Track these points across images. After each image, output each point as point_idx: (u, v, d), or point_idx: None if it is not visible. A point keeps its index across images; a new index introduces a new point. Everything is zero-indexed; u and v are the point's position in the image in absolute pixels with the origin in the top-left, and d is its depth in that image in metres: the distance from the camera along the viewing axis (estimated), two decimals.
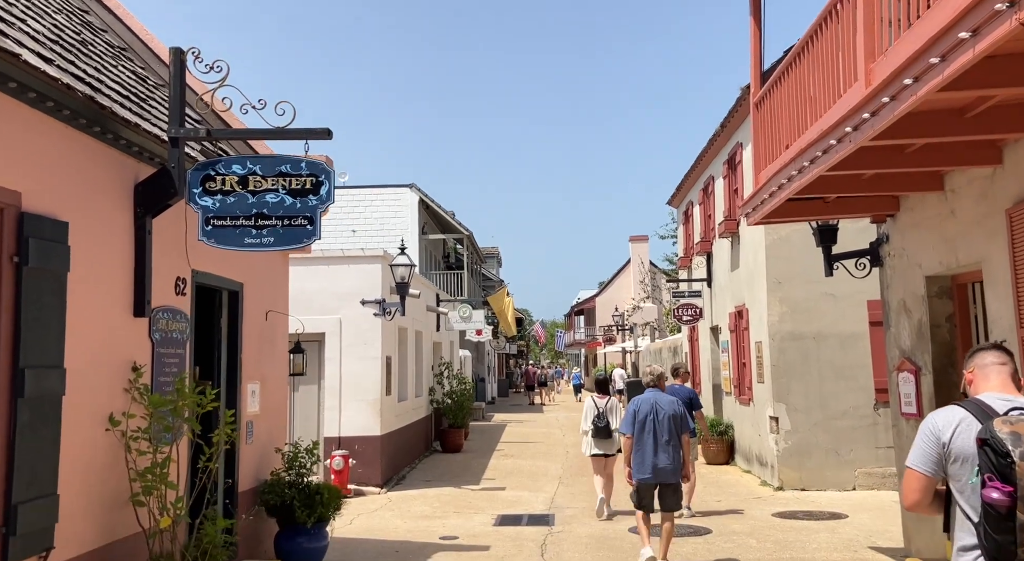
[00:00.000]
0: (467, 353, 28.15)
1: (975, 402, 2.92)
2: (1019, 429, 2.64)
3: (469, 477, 13.64)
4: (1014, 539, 2.61)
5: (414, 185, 27.70)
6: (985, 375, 3.02)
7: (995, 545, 2.66)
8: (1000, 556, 2.66)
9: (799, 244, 11.92)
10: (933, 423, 2.95)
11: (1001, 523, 2.63)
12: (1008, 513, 2.61)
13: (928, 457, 2.93)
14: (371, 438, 12.24)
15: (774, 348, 11.88)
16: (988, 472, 2.66)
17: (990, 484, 2.65)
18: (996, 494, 2.62)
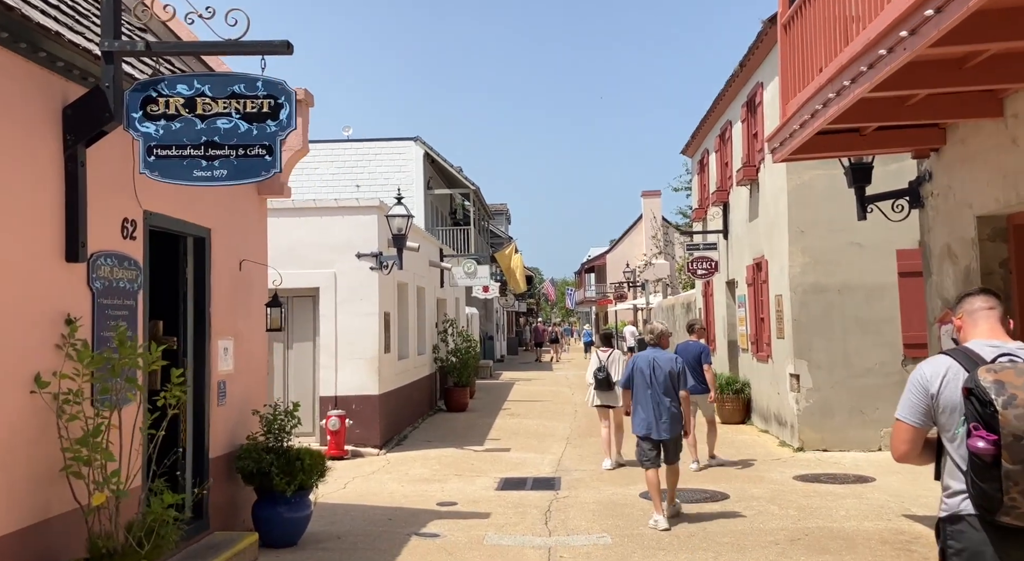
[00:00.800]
0: (474, 311, 27.55)
1: (963, 350, 2.91)
2: (1003, 377, 2.63)
3: (473, 438, 13.08)
4: (999, 486, 2.61)
5: (419, 138, 26.83)
6: (974, 321, 3.01)
7: (981, 492, 2.69)
8: (986, 503, 2.69)
9: (823, 191, 11.11)
10: (921, 374, 2.95)
11: (986, 471, 2.64)
12: (993, 461, 2.61)
13: (916, 408, 2.93)
14: (369, 398, 11.65)
15: (795, 302, 11.14)
16: (974, 421, 2.66)
17: (975, 433, 2.65)
18: (981, 443, 2.62)
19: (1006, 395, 2.60)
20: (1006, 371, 2.67)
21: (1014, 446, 2.58)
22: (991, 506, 2.69)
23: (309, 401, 11.79)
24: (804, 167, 11.14)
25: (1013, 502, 2.63)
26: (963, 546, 2.83)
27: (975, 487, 2.72)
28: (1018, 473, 2.59)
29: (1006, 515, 2.68)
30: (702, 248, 15.71)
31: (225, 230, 6.42)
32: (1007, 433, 2.59)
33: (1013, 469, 2.59)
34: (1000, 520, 2.70)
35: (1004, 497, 2.63)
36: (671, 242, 34.77)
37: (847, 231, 11.05)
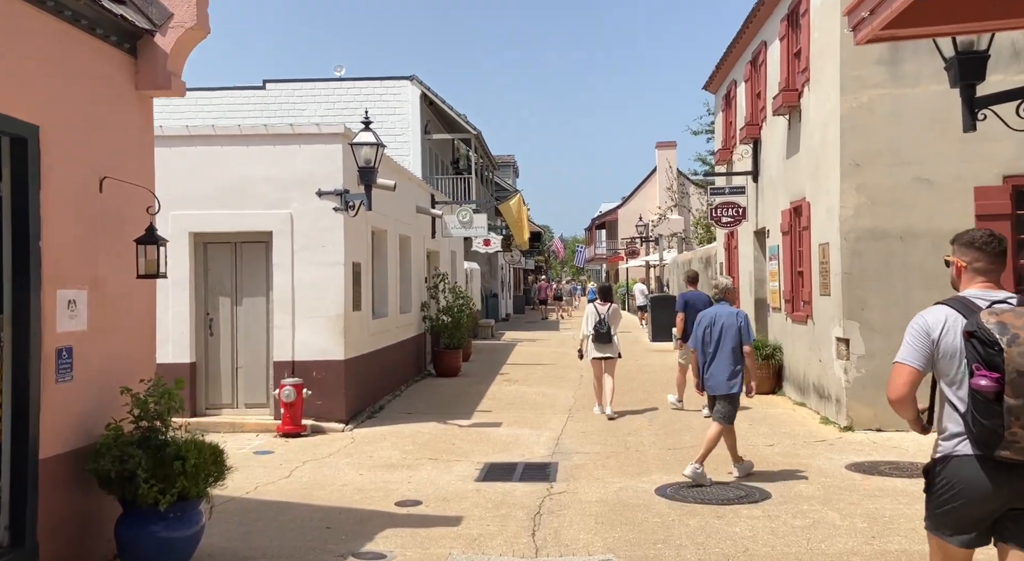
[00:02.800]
0: (475, 266, 25.66)
1: (960, 300, 3.06)
2: (1005, 319, 2.80)
3: (460, 409, 11.27)
4: (1001, 422, 2.75)
5: (415, 77, 24.67)
6: (972, 275, 3.13)
7: (982, 429, 2.82)
8: (987, 439, 2.81)
9: (886, 114, 9.05)
10: (924, 321, 3.09)
11: (989, 407, 2.78)
12: (996, 398, 2.76)
13: (919, 352, 3.05)
14: (332, 363, 9.81)
15: (847, 251, 9.15)
16: (976, 362, 2.81)
17: (978, 373, 2.79)
18: (984, 381, 2.77)
19: (1009, 334, 2.75)
20: (1006, 314, 2.83)
21: (1017, 381, 2.72)
22: (992, 441, 2.80)
23: (262, 367, 9.97)
24: (863, 85, 9.06)
25: (1014, 436, 2.75)
26: (956, 480, 2.95)
27: (977, 424, 2.84)
28: (1020, 408, 2.72)
29: (1006, 449, 2.79)
30: (727, 192, 13.67)
31: (69, 132, 4.49)
32: (1011, 370, 2.72)
33: (1015, 404, 2.73)
34: (1000, 455, 2.81)
35: (1005, 432, 2.75)
36: (687, 194, 32.62)
37: (914, 164, 9.02)
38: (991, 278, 3.11)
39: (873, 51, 9.02)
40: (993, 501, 2.90)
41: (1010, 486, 2.86)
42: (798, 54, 10.91)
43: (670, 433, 9.31)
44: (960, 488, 2.94)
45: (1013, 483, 2.85)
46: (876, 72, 9.04)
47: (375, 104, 25.07)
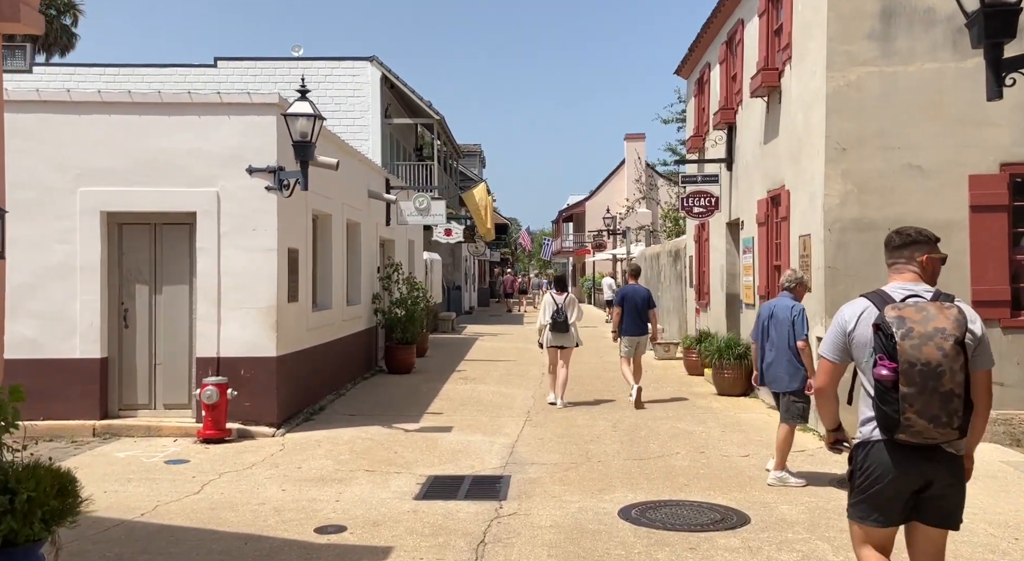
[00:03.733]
0: (436, 257, 24.64)
1: (878, 293, 3.26)
2: (904, 314, 3.00)
3: (408, 410, 10.33)
4: (897, 408, 2.98)
5: (375, 58, 23.56)
6: (896, 269, 3.34)
7: (883, 414, 3.04)
8: (888, 423, 3.04)
9: (875, 94, 8.26)
10: (842, 316, 3.31)
11: (887, 395, 3.01)
12: (893, 386, 2.98)
13: (836, 346, 3.30)
14: (263, 360, 8.80)
15: (831, 243, 8.37)
16: (880, 353, 3.03)
17: (880, 362, 3.02)
18: (884, 371, 3.00)
19: (904, 328, 2.97)
20: (908, 308, 3.04)
21: (909, 372, 2.95)
22: (891, 426, 3.02)
23: (184, 363, 8.93)
24: (851, 61, 8.27)
25: (908, 421, 2.98)
26: (875, 464, 3.14)
27: (878, 410, 3.06)
28: (913, 396, 2.95)
29: (903, 433, 3.01)
30: (699, 181, 12.86)
31: None
32: (903, 361, 2.95)
33: (908, 392, 2.95)
34: (898, 438, 3.04)
35: (901, 417, 2.98)
36: (655, 187, 31.91)
37: (904, 150, 8.26)
38: (906, 271, 3.29)
39: (864, 24, 8.24)
40: (904, 482, 3.10)
41: (914, 467, 3.07)
42: (779, 31, 10.10)
43: (636, 440, 8.47)
44: (879, 472, 3.13)
45: (918, 464, 3.07)
46: (866, 47, 8.25)
47: (333, 85, 23.99)
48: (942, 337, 2.93)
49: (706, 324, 14.02)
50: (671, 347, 15.87)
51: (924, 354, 2.93)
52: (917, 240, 3.33)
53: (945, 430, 2.96)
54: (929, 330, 2.95)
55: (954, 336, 2.94)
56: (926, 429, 2.95)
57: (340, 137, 11.72)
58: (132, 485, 6.68)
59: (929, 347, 2.93)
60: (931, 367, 2.92)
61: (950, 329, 2.95)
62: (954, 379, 2.92)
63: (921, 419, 2.94)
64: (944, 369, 2.91)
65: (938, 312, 2.99)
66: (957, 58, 8.16)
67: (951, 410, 2.93)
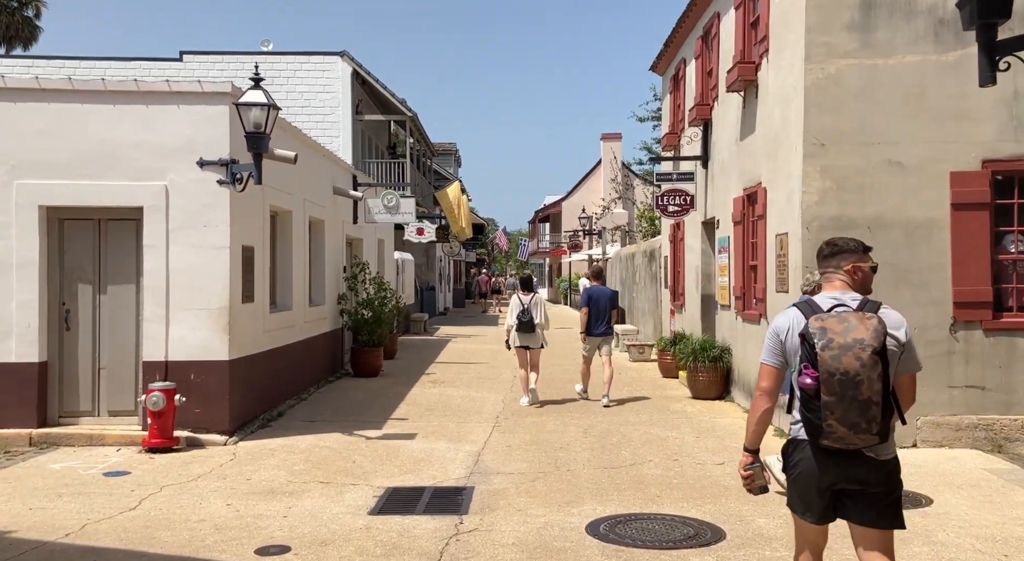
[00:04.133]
0: (408, 257, 24.19)
1: (808, 303, 3.34)
2: (827, 324, 3.10)
3: (372, 415, 9.89)
4: (820, 415, 3.09)
5: (346, 53, 23.08)
6: (826, 279, 3.42)
7: (808, 420, 3.16)
8: (812, 429, 3.16)
9: (855, 88, 7.97)
10: (776, 324, 3.39)
11: (811, 402, 3.12)
12: (815, 394, 3.09)
13: (774, 352, 3.39)
14: (214, 364, 8.32)
15: (809, 242, 8.06)
16: (805, 361, 3.13)
17: (804, 371, 3.13)
18: (808, 379, 3.10)
19: (825, 339, 3.06)
20: (831, 319, 3.12)
21: (829, 381, 3.04)
22: (815, 432, 3.15)
23: (129, 367, 8.43)
24: (830, 53, 7.97)
25: (830, 428, 3.09)
26: (800, 461, 3.30)
27: (804, 416, 3.19)
28: (833, 404, 3.05)
29: (826, 439, 3.13)
30: (675, 179, 12.54)
31: None
32: (823, 370, 3.05)
33: (829, 400, 3.05)
34: (821, 443, 3.16)
35: (823, 424, 3.09)
36: (631, 187, 31.67)
37: (885, 145, 7.98)
38: (836, 280, 3.37)
39: (843, 14, 7.94)
40: (824, 482, 3.23)
41: (837, 469, 3.20)
42: (756, 23, 9.80)
43: (607, 448, 8.11)
44: (803, 468, 3.28)
45: (839, 467, 3.19)
46: (846, 39, 7.96)
47: (303, 80, 23.46)
48: (860, 347, 3.03)
49: (681, 326, 13.71)
50: (645, 349, 15.56)
51: (843, 364, 3.03)
52: (844, 249, 3.42)
53: (865, 436, 3.08)
54: (848, 341, 3.05)
55: (872, 346, 3.03)
56: (847, 435, 3.08)
57: (302, 131, 11.25)
58: (63, 501, 6.19)
59: (848, 357, 3.03)
60: (849, 377, 3.02)
61: (868, 339, 3.04)
62: (872, 388, 3.02)
63: (842, 426, 3.06)
64: (862, 378, 3.01)
65: (859, 323, 3.09)
66: (939, 50, 7.89)
67: (869, 417, 3.04)
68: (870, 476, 3.18)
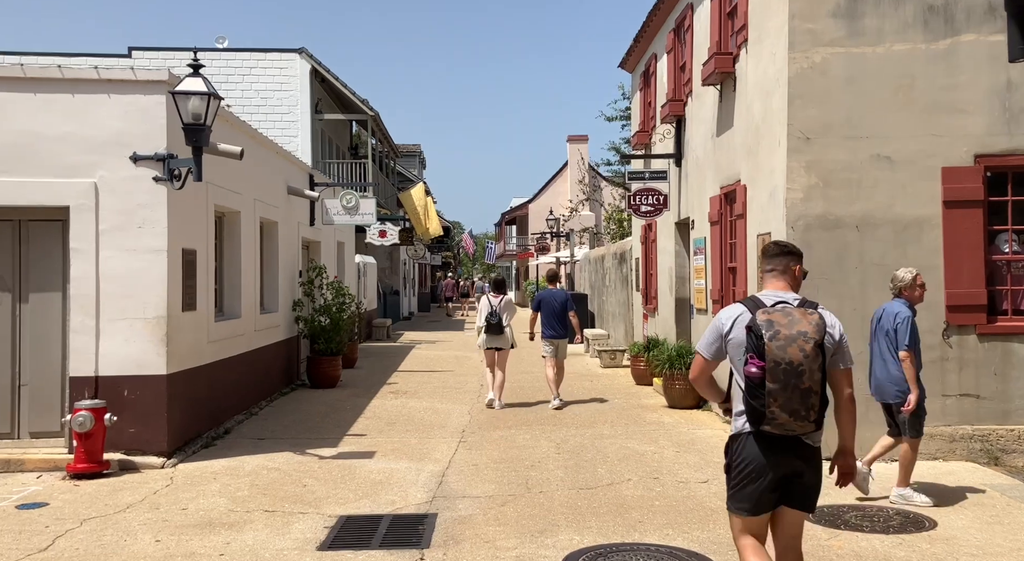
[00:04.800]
0: (371, 260, 23.44)
1: (752, 299, 3.53)
2: (773, 318, 3.32)
3: (327, 431, 9.20)
4: (764, 402, 3.28)
5: (304, 50, 22.26)
6: (768, 277, 3.65)
7: (752, 408, 3.34)
8: (755, 416, 3.34)
9: (841, 78, 7.51)
10: (719, 319, 3.57)
11: (756, 390, 3.30)
12: (760, 383, 3.28)
13: (710, 345, 3.58)
14: (151, 379, 7.56)
15: (794, 242, 7.54)
16: (751, 352, 3.32)
17: (750, 361, 3.32)
18: (754, 369, 3.30)
19: (772, 331, 3.27)
20: (776, 313, 3.34)
21: (774, 370, 3.25)
22: (758, 418, 3.32)
23: (55, 384, 7.64)
24: (815, 41, 7.49)
25: (773, 414, 3.28)
26: (746, 454, 3.43)
27: (748, 404, 3.36)
28: (777, 391, 3.25)
29: (768, 425, 3.31)
30: (647, 178, 12.03)
31: None
32: (770, 359, 3.25)
33: (773, 388, 3.26)
34: (764, 429, 3.34)
35: (767, 410, 3.28)
36: (599, 188, 31.25)
37: (873, 139, 7.52)
38: (781, 279, 3.60)
39: (829, 0, 7.46)
40: (771, 470, 3.38)
41: (780, 456, 3.37)
42: (733, 12, 9.31)
43: (582, 465, 7.52)
44: (748, 461, 3.41)
45: (782, 453, 3.37)
46: (831, 26, 7.48)
47: (259, 78, 22.59)
48: (804, 339, 3.24)
49: (654, 330, 13.20)
50: (617, 354, 15.03)
51: (788, 354, 3.24)
52: (792, 252, 3.67)
53: (803, 423, 3.29)
54: (793, 333, 3.26)
55: (814, 339, 3.26)
56: (788, 422, 3.28)
57: (258, 129, 10.51)
58: None
59: (792, 348, 3.25)
60: (793, 366, 3.23)
61: (811, 333, 3.27)
62: (812, 377, 3.25)
63: (783, 412, 3.26)
64: (804, 368, 3.23)
65: (802, 317, 3.31)
66: (928, 39, 7.45)
67: (809, 405, 3.26)
68: (804, 463, 3.41)
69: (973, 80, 7.40)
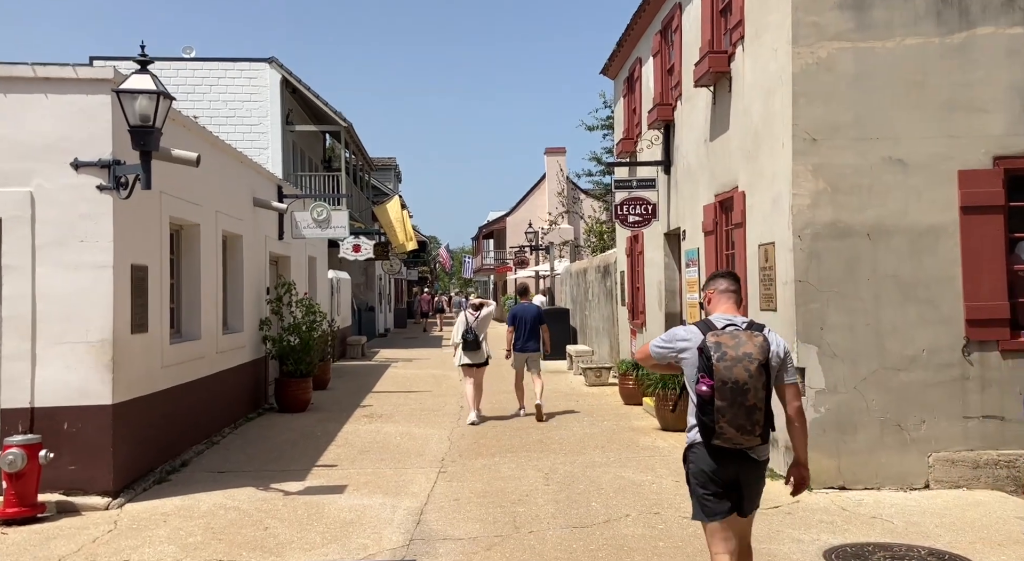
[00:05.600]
0: (344, 276, 22.66)
1: (705, 322, 3.76)
2: (721, 340, 3.56)
3: (295, 461, 8.44)
4: (713, 418, 3.53)
5: (274, 59, 21.54)
6: (718, 300, 3.91)
7: (703, 423, 3.60)
8: (706, 431, 3.60)
9: (850, 73, 6.97)
10: (677, 334, 3.84)
11: (706, 407, 3.55)
12: (710, 400, 3.53)
13: (660, 350, 3.85)
14: (94, 409, 6.78)
15: (802, 253, 6.98)
16: (702, 372, 3.58)
17: (701, 380, 3.56)
18: (704, 387, 3.54)
19: (720, 352, 3.53)
20: (724, 335, 3.59)
21: (722, 389, 3.50)
22: (709, 433, 3.58)
23: None
24: (821, 35, 6.95)
25: (722, 429, 3.53)
26: (697, 463, 3.72)
27: (699, 419, 3.61)
28: (724, 408, 3.50)
29: (718, 439, 3.58)
30: (635, 186, 11.44)
31: None
32: (718, 379, 3.50)
33: (721, 405, 3.50)
34: (714, 443, 3.60)
35: (715, 426, 3.54)
36: (578, 200, 30.74)
37: (884, 140, 6.97)
38: (730, 302, 3.89)
39: None
40: (720, 478, 3.66)
41: (729, 466, 3.65)
42: (727, 8, 8.78)
43: (574, 499, 6.84)
44: (701, 469, 3.71)
45: (731, 464, 3.65)
46: (838, 19, 6.94)
47: (227, 88, 21.82)
48: (748, 361, 3.49)
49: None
50: (603, 372, 14.39)
51: (734, 374, 3.48)
52: (737, 278, 3.97)
53: (749, 437, 3.53)
54: (739, 354, 3.51)
55: (758, 360, 3.51)
56: (735, 436, 3.52)
57: (210, 132, 9.78)
58: None
59: (738, 369, 3.49)
60: (739, 385, 3.48)
61: (755, 354, 3.52)
62: (757, 395, 3.49)
63: (731, 427, 3.50)
64: (749, 387, 3.48)
65: (748, 339, 3.56)
66: (941, 32, 6.94)
67: (754, 420, 3.50)
68: (750, 473, 3.67)
69: (991, 76, 6.89)
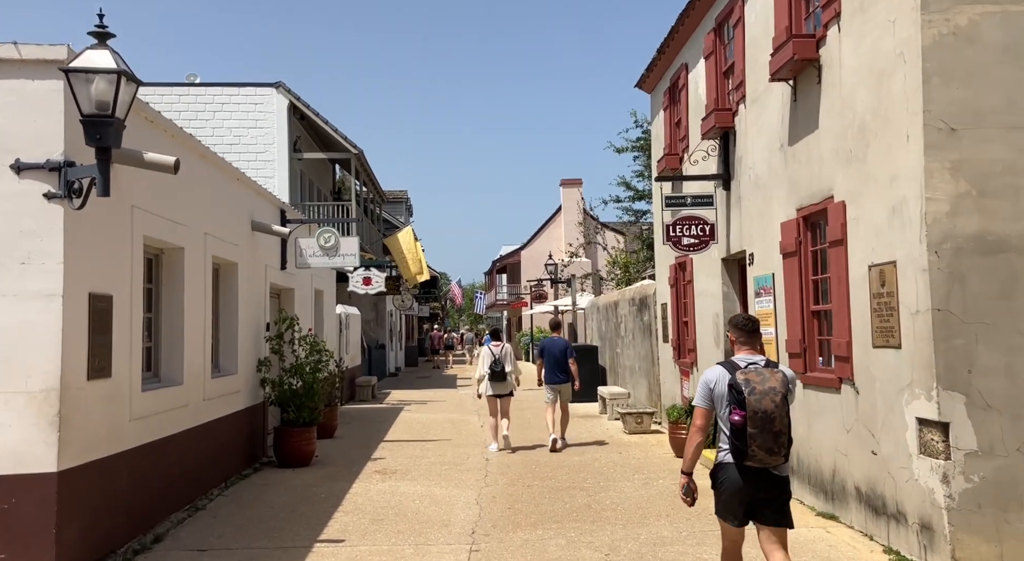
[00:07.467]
0: (354, 311, 21.17)
1: (729, 362, 4.49)
2: (749, 377, 4.28)
3: (292, 535, 6.85)
4: (746, 443, 4.22)
5: (282, 84, 20.37)
6: (740, 344, 4.60)
7: (736, 447, 4.29)
8: (739, 454, 4.29)
9: (998, 44, 5.52)
10: (706, 378, 4.54)
11: (739, 434, 4.25)
12: (742, 428, 4.23)
13: (705, 398, 4.53)
14: (34, 479, 5.25)
15: (939, 273, 5.44)
16: (733, 405, 4.29)
17: (733, 412, 4.27)
18: (736, 417, 4.25)
19: (750, 387, 4.25)
20: (751, 373, 4.32)
21: (754, 418, 4.20)
22: (741, 455, 4.27)
23: None
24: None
25: (754, 452, 4.23)
26: (726, 478, 4.41)
27: (733, 444, 4.32)
28: (756, 435, 4.20)
29: (750, 460, 4.27)
30: (689, 203, 9.94)
31: None
32: (750, 410, 4.21)
33: (753, 432, 4.20)
34: (746, 464, 4.30)
35: (748, 449, 4.23)
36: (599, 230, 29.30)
37: None
38: (750, 346, 4.58)
39: None
40: (745, 493, 4.34)
41: (755, 483, 4.33)
42: None
43: None
44: (728, 484, 4.39)
45: (757, 481, 4.32)
46: None
47: (232, 114, 20.62)
48: (774, 393, 4.24)
49: (694, 390, 10.97)
50: (644, 418, 12.76)
51: (763, 405, 4.21)
52: (757, 329, 4.69)
53: (776, 457, 4.27)
54: (766, 388, 4.25)
55: (781, 393, 4.27)
56: (765, 457, 4.25)
57: (198, 140, 8.38)
58: None
59: (766, 400, 4.22)
60: (768, 414, 4.20)
61: (778, 387, 4.28)
62: (782, 422, 4.23)
63: (761, 450, 4.22)
64: (776, 415, 4.22)
65: (771, 375, 4.32)
66: None
67: (780, 443, 4.24)
68: (775, 488, 4.36)
69: None
